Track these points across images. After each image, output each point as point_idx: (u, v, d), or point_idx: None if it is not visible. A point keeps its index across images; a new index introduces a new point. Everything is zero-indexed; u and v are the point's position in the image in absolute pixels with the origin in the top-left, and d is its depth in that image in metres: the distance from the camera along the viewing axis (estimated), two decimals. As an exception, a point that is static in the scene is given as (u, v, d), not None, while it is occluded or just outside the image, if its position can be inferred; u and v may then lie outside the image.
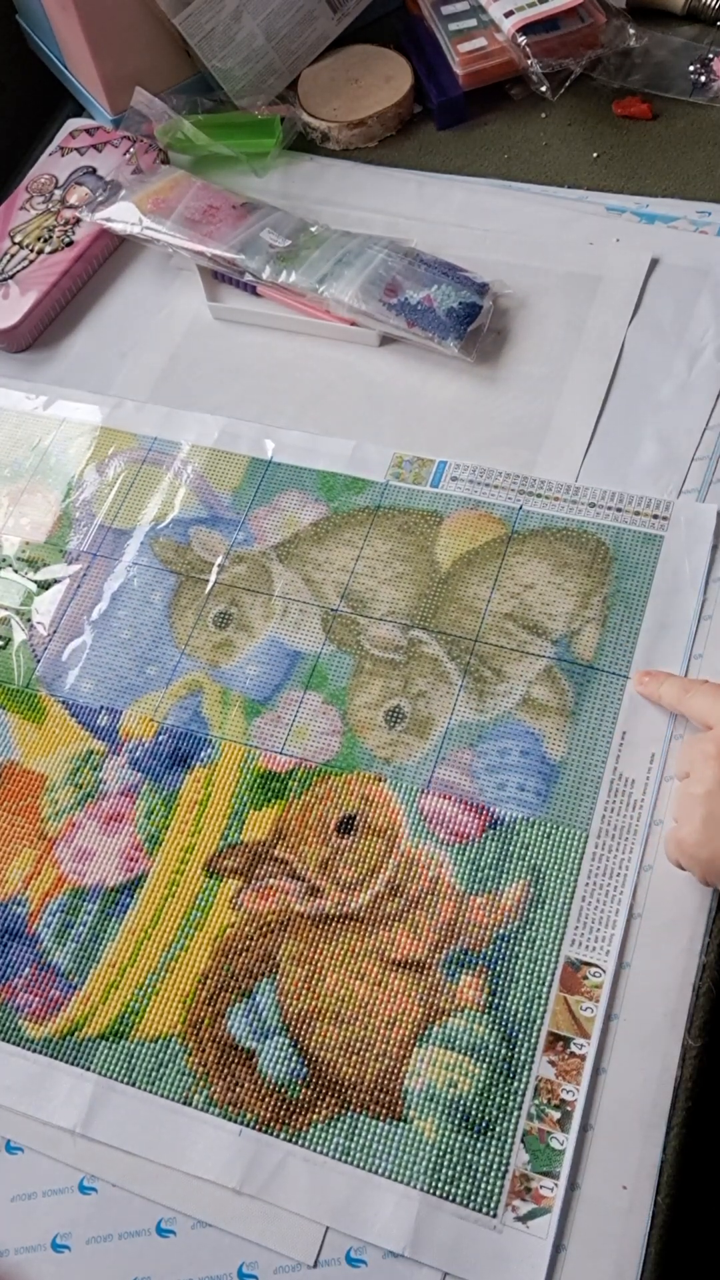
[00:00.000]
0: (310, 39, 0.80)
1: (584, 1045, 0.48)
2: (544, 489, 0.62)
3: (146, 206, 0.74)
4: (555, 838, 0.53)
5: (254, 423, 0.68)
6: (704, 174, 0.74)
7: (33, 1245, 0.48)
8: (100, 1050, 0.51)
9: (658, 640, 0.57)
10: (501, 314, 0.70)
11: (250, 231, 0.72)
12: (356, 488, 0.64)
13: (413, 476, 0.64)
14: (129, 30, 0.76)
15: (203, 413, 0.69)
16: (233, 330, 0.73)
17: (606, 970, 0.50)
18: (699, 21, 0.80)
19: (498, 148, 0.78)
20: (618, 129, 0.77)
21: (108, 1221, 0.48)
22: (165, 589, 0.63)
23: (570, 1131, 0.47)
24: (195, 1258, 0.47)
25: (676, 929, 0.51)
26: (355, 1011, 0.51)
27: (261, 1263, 0.47)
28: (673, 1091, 0.48)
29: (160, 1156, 0.49)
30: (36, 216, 0.77)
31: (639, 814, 0.53)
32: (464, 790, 0.55)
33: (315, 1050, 0.50)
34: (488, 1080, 0.48)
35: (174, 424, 0.69)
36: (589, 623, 0.58)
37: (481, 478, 0.63)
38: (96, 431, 0.70)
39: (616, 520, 0.61)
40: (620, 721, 0.55)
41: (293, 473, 0.66)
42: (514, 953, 0.51)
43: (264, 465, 0.66)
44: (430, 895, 0.53)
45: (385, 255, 0.69)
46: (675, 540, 0.59)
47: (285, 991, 0.51)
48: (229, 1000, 0.52)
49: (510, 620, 0.59)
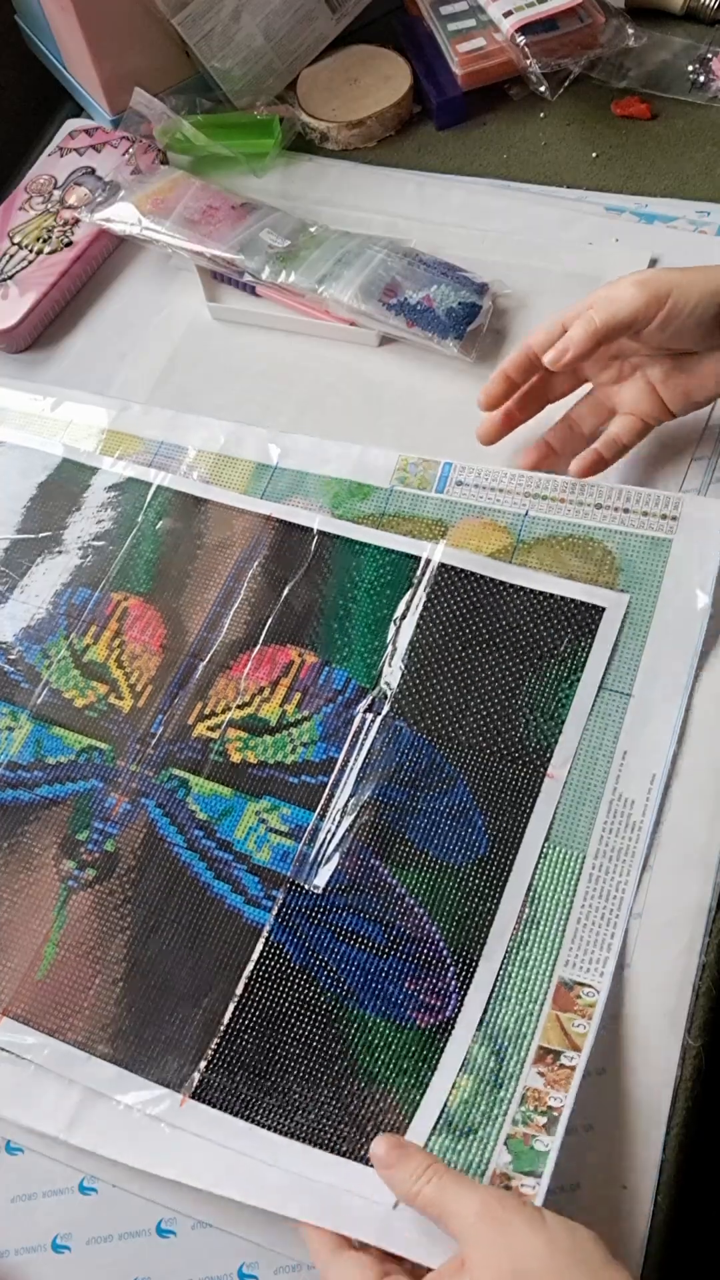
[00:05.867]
0: (309, 39, 0.80)
1: (574, 1058, 0.48)
2: (550, 489, 0.61)
3: (146, 207, 0.74)
4: (552, 858, 0.52)
5: (259, 427, 0.67)
6: (703, 174, 0.74)
7: (33, 1245, 0.48)
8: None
9: (662, 656, 0.56)
10: (501, 314, 0.70)
11: (249, 232, 0.72)
12: (361, 494, 0.63)
13: (418, 481, 0.63)
14: (128, 30, 0.76)
15: (208, 416, 0.68)
16: (232, 330, 0.73)
17: (600, 990, 0.49)
18: (698, 21, 0.80)
19: (497, 148, 0.78)
20: (617, 129, 0.77)
21: (108, 1221, 0.48)
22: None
23: (555, 1135, 0.46)
24: (195, 1258, 0.47)
25: (676, 929, 0.50)
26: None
27: (261, 1263, 0.47)
28: (673, 1091, 0.48)
29: (142, 1164, 0.47)
30: (36, 217, 0.77)
31: (637, 836, 0.52)
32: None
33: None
34: (474, 1090, 0.48)
35: (180, 428, 0.68)
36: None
37: (487, 480, 0.62)
38: (103, 435, 0.69)
39: (624, 524, 0.59)
40: (621, 741, 0.54)
41: (297, 478, 0.65)
42: (507, 972, 0.50)
43: (269, 470, 0.66)
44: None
45: (384, 255, 0.69)
46: (683, 544, 0.58)
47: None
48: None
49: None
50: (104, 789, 0.57)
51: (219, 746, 0.57)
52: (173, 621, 0.61)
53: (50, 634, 0.62)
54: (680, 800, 0.53)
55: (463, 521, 0.61)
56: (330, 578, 0.61)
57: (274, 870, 0.54)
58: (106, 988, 0.52)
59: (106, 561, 0.64)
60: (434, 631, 0.58)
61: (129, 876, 0.55)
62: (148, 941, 0.53)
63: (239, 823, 0.55)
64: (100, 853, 0.55)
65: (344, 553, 0.62)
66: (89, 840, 0.56)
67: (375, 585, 0.60)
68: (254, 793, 0.56)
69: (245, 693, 0.58)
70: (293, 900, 0.53)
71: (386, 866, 0.53)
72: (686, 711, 0.55)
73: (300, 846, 0.54)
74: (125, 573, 0.63)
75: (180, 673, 0.60)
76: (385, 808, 0.54)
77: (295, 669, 0.59)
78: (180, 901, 0.54)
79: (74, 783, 0.58)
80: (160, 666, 0.60)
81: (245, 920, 0.53)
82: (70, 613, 0.62)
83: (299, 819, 0.55)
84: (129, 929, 0.53)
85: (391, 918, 0.52)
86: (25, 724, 0.59)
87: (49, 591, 0.64)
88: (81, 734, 0.59)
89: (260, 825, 0.55)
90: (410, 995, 0.50)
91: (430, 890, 0.52)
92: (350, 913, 0.52)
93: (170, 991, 0.52)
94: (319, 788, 0.55)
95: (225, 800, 0.56)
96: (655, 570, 0.58)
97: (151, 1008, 0.51)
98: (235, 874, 0.54)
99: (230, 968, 0.52)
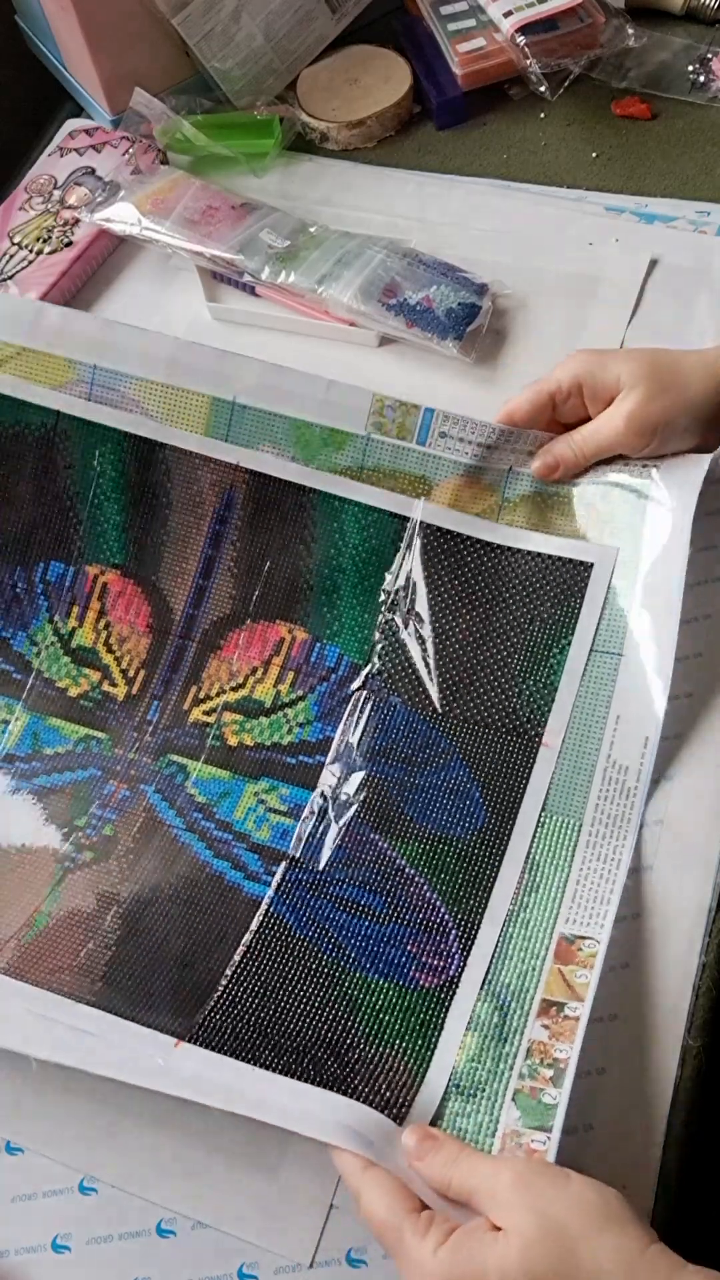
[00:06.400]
0: (309, 39, 0.80)
1: (578, 1008, 0.47)
2: (533, 443, 0.59)
3: (146, 207, 0.74)
4: (549, 826, 0.53)
5: (206, 344, 0.61)
6: (703, 174, 0.74)
7: (33, 1246, 0.48)
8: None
9: (649, 609, 0.55)
10: (500, 314, 0.70)
11: (249, 232, 0.72)
12: (335, 442, 0.59)
13: (396, 429, 0.59)
14: (128, 31, 0.76)
15: (139, 326, 0.62)
16: (232, 330, 0.73)
17: (601, 941, 0.49)
18: (698, 21, 0.80)
19: (497, 148, 0.78)
20: (617, 129, 0.77)
21: (108, 1222, 0.48)
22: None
23: (563, 1087, 0.45)
24: (195, 1258, 0.47)
25: (676, 929, 0.51)
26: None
27: (261, 1263, 0.47)
28: (673, 1091, 0.48)
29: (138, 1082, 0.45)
30: (36, 217, 0.77)
31: (632, 802, 0.53)
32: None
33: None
34: (479, 1048, 0.48)
35: (112, 348, 0.61)
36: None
37: (471, 434, 0.59)
38: (19, 354, 0.62)
39: (605, 476, 0.58)
40: (614, 705, 0.54)
41: (262, 420, 0.60)
42: (508, 934, 0.51)
43: (228, 407, 0.60)
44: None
45: (384, 255, 0.69)
46: (660, 492, 0.56)
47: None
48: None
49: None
50: (103, 777, 0.57)
51: (215, 731, 0.58)
52: (155, 598, 0.61)
53: (33, 618, 0.61)
54: (681, 800, 0.53)
55: (448, 480, 0.59)
56: (314, 543, 0.59)
57: (274, 848, 0.54)
58: (99, 951, 0.52)
59: (71, 527, 0.61)
60: (425, 601, 0.58)
61: (126, 858, 0.55)
62: (143, 913, 0.53)
63: (238, 804, 0.56)
64: (98, 836, 0.56)
65: (325, 512, 0.59)
66: (87, 825, 0.56)
67: (361, 550, 0.59)
68: (252, 774, 0.56)
69: (238, 674, 0.59)
70: (293, 874, 0.53)
71: (386, 840, 0.54)
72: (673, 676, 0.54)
73: (300, 825, 0.55)
74: (96, 541, 0.61)
75: (171, 655, 0.60)
76: (383, 784, 0.55)
77: (286, 646, 0.59)
78: (178, 877, 0.54)
79: (72, 772, 0.58)
80: (150, 649, 0.60)
81: (244, 894, 0.53)
82: (49, 591, 0.61)
83: (297, 798, 0.55)
84: (124, 901, 0.53)
85: (392, 887, 0.52)
86: (21, 716, 0.59)
87: (19, 566, 0.61)
88: (78, 724, 0.59)
89: (259, 805, 0.56)
90: (413, 957, 0.51)
91: (430, 862, 0.53)
92: (351, 885, 0.53)
93: (164, 957, 0.51)
94: (316, 767, 0.56)
95: (224, 783, 0.56)
96: (636, 521, 0.57)
97: (144, 972, 0.51)
98: (235, 852, 0.55)
99: (228, 938, 0.52)
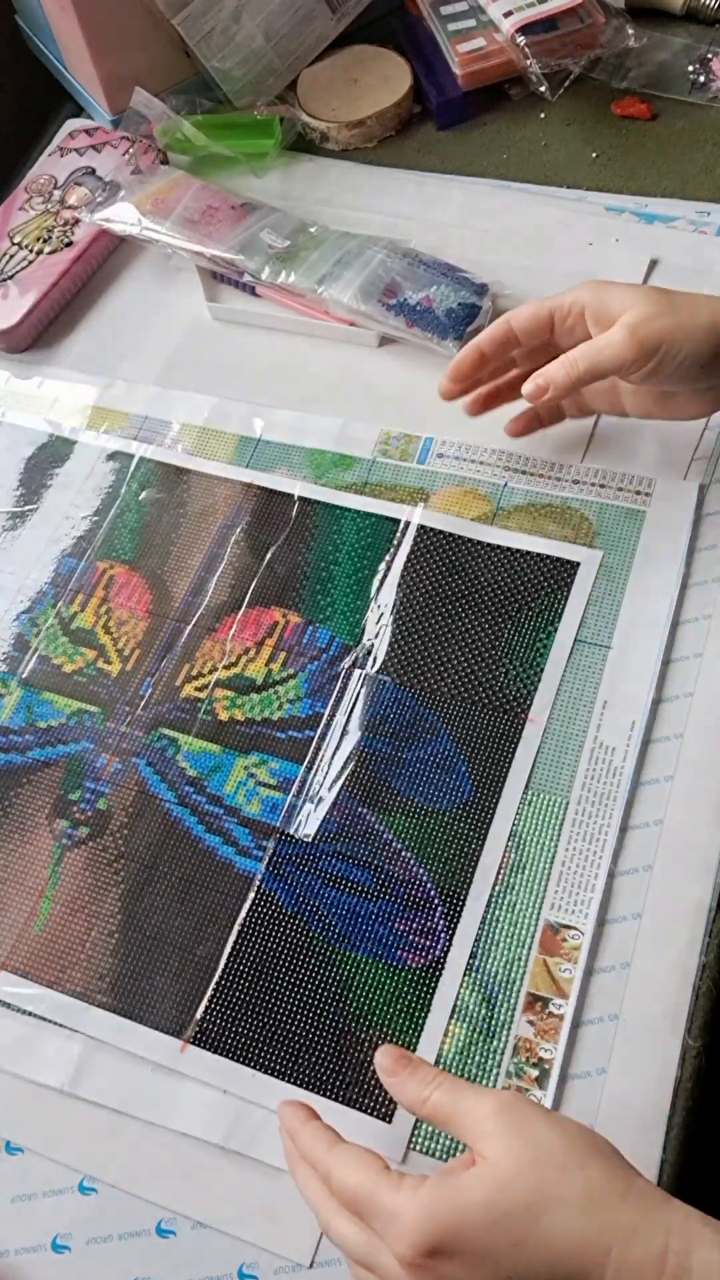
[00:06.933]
0: (309, 39, 0.80)
1: (562, 1005, 0.49)
2: (530, 465, 0.64)
3: (146, 207, 0.74)
4: (536, 804, 0.54)
5: (243, 402, 0.69)
6: (703, 174, 0.74)
7: (33, 1246, 0.48)
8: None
9: (641, 610, 0.58)
10: (501, 314, 0.69)
11: (249, 232, 0.72)
12: (344, 464, 0.66)
13: (399, 453, 0.65)
14: (128, 30, 0.76)
15: (192, 392, 0.70)
16: (232, 331, 0.73)
17: (585, 933, 0.50)
18: (698, 21, 0.80)
19: (497, 148, 0.78)
20: (617, 129, 0.77)
21: (108, 1222, 0.48)
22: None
23: (548, 1089, 0.48)
24: (195, 1258, 0.47)
25: (676, 929, 0.51)
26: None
27: (261, 1263, 0.47)
28: (673, 1091, 0.48)
29: (147, 1115, 0.49)
30: (36, 217, 0.77)
31: (619, 780, 0.54)
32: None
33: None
34: (467, 1040, 0.49)
35: (165, 403, 0.70)
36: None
37: (468, 454, 0.65)
38: (88, 411, 0.71)
39: (600, 496, 0.62)
40: (601, 691, 0.56)
41: (281, 451, 0.67)
42: (493, 915, 0.52)
43: (253, 443, 0.67)
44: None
45: (384, 256, 0.69)
46: (658, 514, 0.61)
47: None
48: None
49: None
50: (95, 750, 0.59)
51: (207, 706, 0.59)
52: (158, 587, 0.63)
53: (39, 604, 0.64)
54: (681, 800, 0.53)
55: (444, 489, 0.64)
56: (312, 542, 0.63)
57: (264, 822, 0.55)
58: (102, 939, 0.53)
59: (92, 532, 0.66)
60: (415, 589, 0.60)
61: (121, 833, 0.56)
62: (141, 894, 0.54)
63: (229, 778, 0.57)
64: (93, 811, 0.57)
65: (325, 517, 0.64)
66: (81, 800, 0.57)
67: (356, 548, 0.62)
68: (242, 749, 0.57)
69: (231, 654, 0.60)
70: (283, 849, 0.54)
71: (374, 814, 0.55)
72: (663, 670, 0.56)
73: (289, 798, 0.56)
74: (110, 542, 0.65)
75: (167, 636, 0.61)
76: (371, 758, 0.56)
77: (280, 629, 0.60)
78: (172, 855, 0.55)
79: (65, 745, 0.59)
80: (147, 631, 0.62)
81: (237, 870, 0.54)
82: (57, 582, 0.64)
83: (287, 772, 0.56)
84: (122, 883, 0.55)
85: (380, 862, 0.53)
86: (15, 690, 0.61)
87: (35, 564, 0.65)
88: (71, 698, 0.60)
89: (249, 779, 0.56)
90: (400, 935, 0.52)
91: (417, 835, 0.54)
92: (339, 859, 0.54)
93: (165, 942, 0.53)
94: (306, 742, 0.57)
95: (214, 757, 0.57)
96: (630, 536, 0.60)
97: (147, 958, 0.53)
98: (226, 827, 0.55)
99: (223, 917, 0.53)
